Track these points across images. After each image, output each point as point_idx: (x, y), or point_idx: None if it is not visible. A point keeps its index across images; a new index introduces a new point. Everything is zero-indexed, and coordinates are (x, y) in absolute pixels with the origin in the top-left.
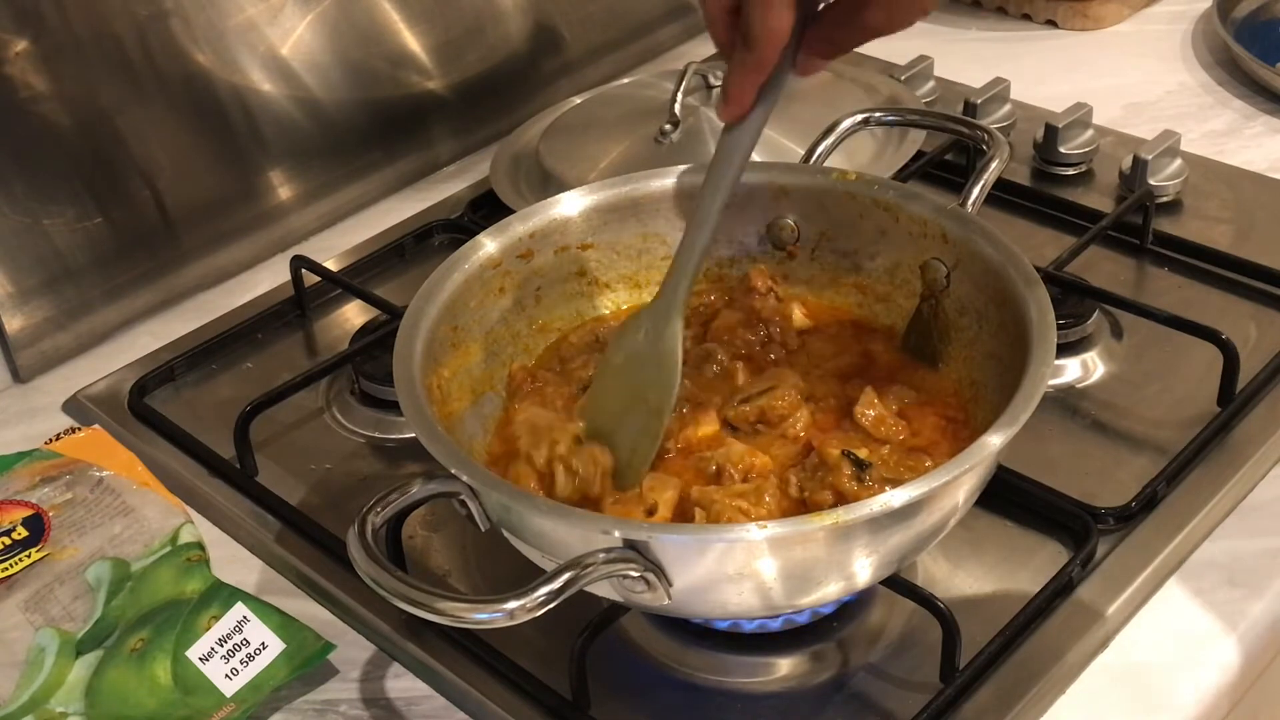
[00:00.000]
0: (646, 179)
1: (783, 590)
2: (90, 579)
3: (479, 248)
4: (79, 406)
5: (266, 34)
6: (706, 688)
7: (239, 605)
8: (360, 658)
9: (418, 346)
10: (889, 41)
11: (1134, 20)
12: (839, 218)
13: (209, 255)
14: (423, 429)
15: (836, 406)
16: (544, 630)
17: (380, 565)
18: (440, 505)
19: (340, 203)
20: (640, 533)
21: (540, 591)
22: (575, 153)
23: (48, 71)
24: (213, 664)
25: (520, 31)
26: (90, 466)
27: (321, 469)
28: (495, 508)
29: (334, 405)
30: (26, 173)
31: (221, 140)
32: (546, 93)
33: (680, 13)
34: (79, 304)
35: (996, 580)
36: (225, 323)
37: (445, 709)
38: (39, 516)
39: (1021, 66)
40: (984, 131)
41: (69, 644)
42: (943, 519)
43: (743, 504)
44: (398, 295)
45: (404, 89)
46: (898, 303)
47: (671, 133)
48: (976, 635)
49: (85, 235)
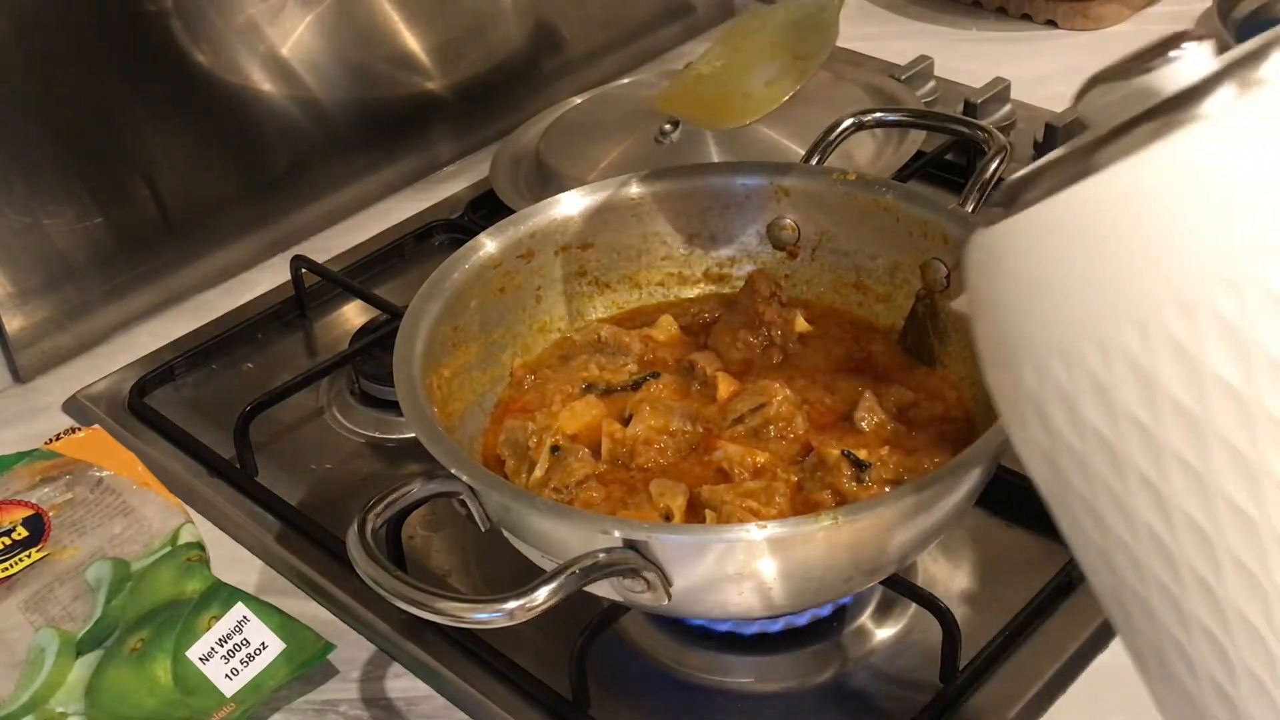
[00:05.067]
0: (646, 179)
1: (783, 590)
2: (90, 579)
3: (479, 248)
4: (79, 406)
5: (266, 34)
6: (706, 688)
7: (239, 605)
8: (360, 658)
9: (418, 346)
10: (889, 41)
11: (1134, 20)
12: (839, 218)
13: (209, 255)
14: (423, 429)
15: (836, 407)
16: (544, 630)
17: (380, 565)
18: (440, 505)
19: (340, 203)
20: (640, 533)
21: (540, 591)
22: (575, 153)
23: (48, 71)
24: (213, 664)
25: (520, 31)
26: (90, 466)
27: (321, 469)
28: (495, 508)
29: (334, 405)
30: (26, 173)
31: (221, 140)
32: (546, 93)
33: (680, 13)
34: (79, 304)
35: (996, 580)
36: (225, 323)
37: (445, 709)
38: (39, 516)
39: (1021, 66)
40: (984, 131)
41: (69, 644)
42: (943, 519)
43: (753, 504)
44: (398, 295)
45: (404, 89)
46: (898, 303)
47: (671, 133)
48: (977, 635)
49: (85, 235)
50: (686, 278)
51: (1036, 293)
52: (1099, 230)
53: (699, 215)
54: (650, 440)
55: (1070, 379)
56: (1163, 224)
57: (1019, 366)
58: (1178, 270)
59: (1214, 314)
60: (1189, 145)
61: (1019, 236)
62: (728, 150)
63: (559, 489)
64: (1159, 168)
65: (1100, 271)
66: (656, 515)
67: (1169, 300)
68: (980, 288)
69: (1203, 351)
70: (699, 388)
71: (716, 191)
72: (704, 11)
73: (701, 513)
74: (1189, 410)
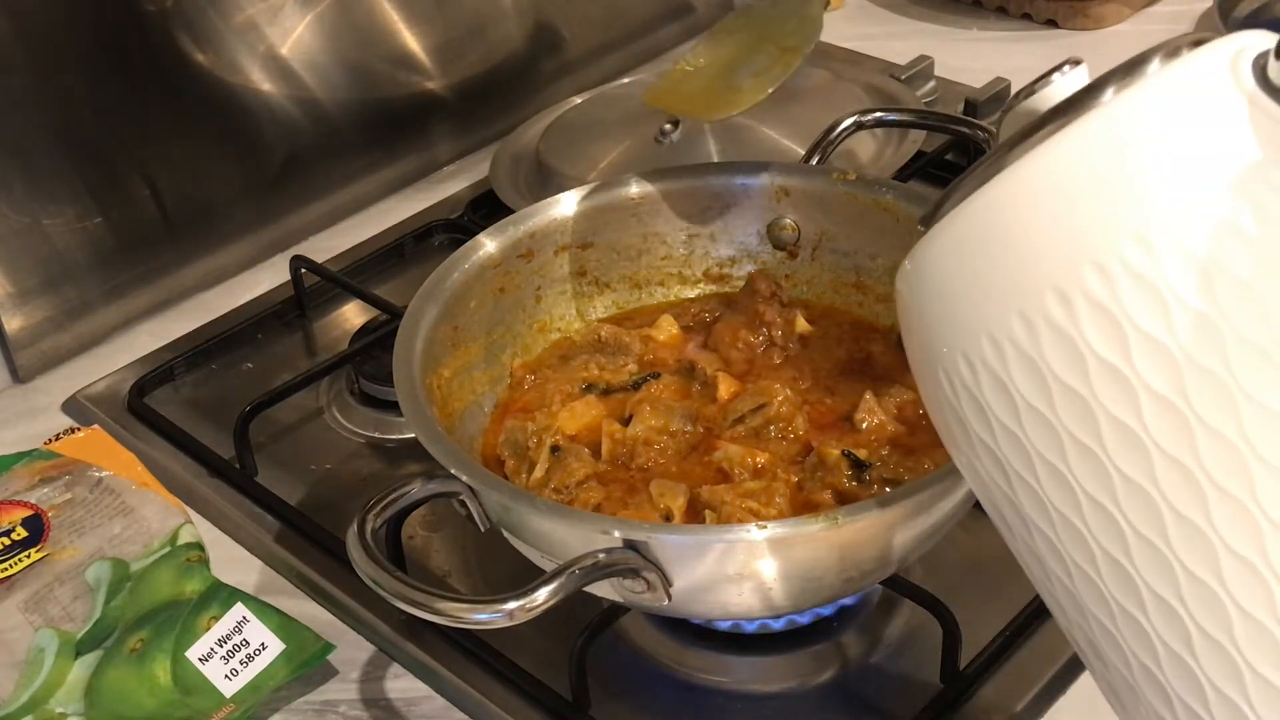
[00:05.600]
0: (646, 179)
1: (783, 590)
2: (90, 579)
3: (479, 248)
4: (78, 406)
5: (266, 34)
6: (707, 688)
7: (238, 606)
8: (360, 658)
9: (418, 346)
10: (889, 41)
11: (1134, 20)
12: (839, 218)
13: (209, 255)
14: (423, 429)
15: (836, 407)
16: (544, 630)
17: (380, 565)
18: (440, 505)
19: (340, 203)
20: (640, 533)
21: (540, 591)
22: (575, 153)
23: (48, 71)
24: (212, 664)
25: (520, 31)
26: (90, 467)
27: (321, 469)
28: (495, 508)
29: (334, 405)
30: (26, 173)
31: (221, 140)
32: (546, 93)
33: (680, 13)
34: (79, 304)
35: (997, 580)
36: (225, 323)
37: (445, 709)
38: (38, 517)
39: (1022, 66)
40: (984, 131)
41: (68, 644)
42: (943, 519)
43: (753, 504)
44: (398, 295)
45: (404, 89)
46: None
47: (671, 133)
48: (977, 635)
49: (85, 235)
50: (686, 278)
51: (944, 298)
52: (990, 230)
53: (699, 215)
54: (650, 440)
55: (972, 378)
56: (1039, 217)
57: (934, 373)
58: (1051, 259)
59: (1086, 296)
60: (1066, 142)
61: (930, 249)
62: (728, 150)
63: (559, 489)
64: (1036, 168)
65: (989, 268)
66: (656, 515)
67: (1046, 288)
68: (906, 305)
69: (1081, 332)
70: (699, 388)
71: (716, 191)
72: (704, 11)
73: (701, 513)
74: (1076, 391)
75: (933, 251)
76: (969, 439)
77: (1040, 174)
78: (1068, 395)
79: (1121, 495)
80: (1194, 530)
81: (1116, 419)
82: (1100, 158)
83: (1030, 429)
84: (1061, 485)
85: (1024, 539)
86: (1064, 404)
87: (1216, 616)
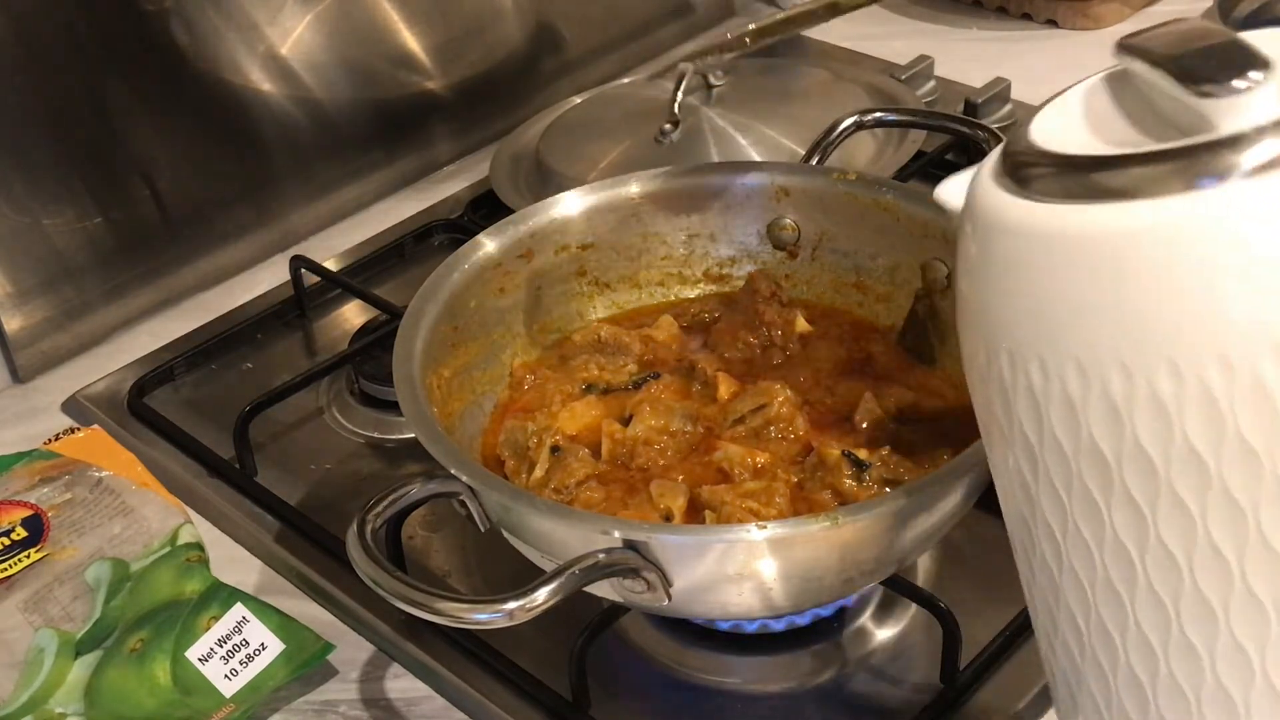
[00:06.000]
0: (646, 179)
1: (783, 590)
2: (89, 579)
3: (479, 248)
4: (78, 406)
5: (266, 34)
6: (707, 688)
7: (238, 606)
8: (360, 658)
9: (418, 346)
10: (889, 41)
11: (1135, 20)
12: (839, 218)
13: (209, 255)
14: (423, 429)
15: (836, 407)
16: (544, 630)
17: (380, 565)
18: (440, 505)
19: (340, 203)
20: (640, 533)
21: (540, 591)
22: (575, 153)
23: (47, 71)
24: (212, 664)
25: (520, 31)
26: (89, 467)
27: (321, 469)
28: (495, 508)
29: (334, 405)
30: (26, 173)
31: (221, 140)
32: (546, 93)
33: (680, 13)
34: (79, 304)
35: (997, 580)
36: (225, 323)
37: (445, 709)
38: (38, 517)
39: (1022, 66)
40: (984, 131)
41: (68, 644)
42: (943, 519)
43: (753, 504)
44: (398, 295)
45: (404, 89)
46: (898, 303)
47: (671, 133)
48: (977, 635)
49: (85, 235)
50: (686, 278)
51: (1034, 287)
52: (1118, 259)
53: (699, 215)
54: (650, 440)
55: (1043, 384)
56: (1189, 278)
57: (995, 345)
58: (1207, 327)
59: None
60: (1222, 202)
61: (1030, 223)
62: (728, 150)
63: (559, 489)
64: (1191, 219)
65: (1107, 299)
66: (656, 515)
67: (1162, 358)
68: (977, 247)
69: (1182, 415)
70: (699, 388)
71: (716, 191)
72: (704, 11)
73: (701, 513)
74: (1151, 459)
75: (1030, 225)
76: (1010, 425)
77: (1195, 228)
78: (1139, 457)
79: (1150, 562)
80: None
81: (1179, 498)
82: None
83: (1085, 460)
84: (1092, 514)
85: (1027, 526)
86: (1131, 464)
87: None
